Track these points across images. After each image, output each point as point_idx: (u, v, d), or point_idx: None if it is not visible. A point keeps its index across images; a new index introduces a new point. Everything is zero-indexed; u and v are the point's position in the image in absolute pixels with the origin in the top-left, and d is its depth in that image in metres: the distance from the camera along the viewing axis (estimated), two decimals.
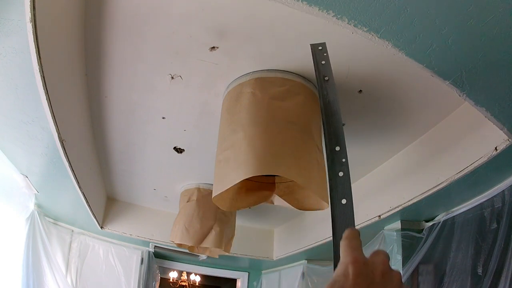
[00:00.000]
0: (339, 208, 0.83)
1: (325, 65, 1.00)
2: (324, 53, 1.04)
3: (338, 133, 0.87)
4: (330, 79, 0.96)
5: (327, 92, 0.94)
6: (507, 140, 1.55)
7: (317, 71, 0.99)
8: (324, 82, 0.96)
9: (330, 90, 0.94)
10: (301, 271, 3.50)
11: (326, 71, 0.98)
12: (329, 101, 0.92)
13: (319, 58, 1.02)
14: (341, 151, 0.84)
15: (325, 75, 0.98)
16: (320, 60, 1.02)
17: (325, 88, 0.95)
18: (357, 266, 0.48)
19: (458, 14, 1.03)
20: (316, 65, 1.01)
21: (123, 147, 2.49)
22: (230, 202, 1.77)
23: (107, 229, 3.41)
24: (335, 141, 0.85)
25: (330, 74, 0.97)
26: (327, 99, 0.93)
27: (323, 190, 1.62)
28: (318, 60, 1.02)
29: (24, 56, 1.34)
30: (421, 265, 2.22)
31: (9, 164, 2.23)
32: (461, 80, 1.23)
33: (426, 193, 1.99)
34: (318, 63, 1.02)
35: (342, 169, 0.84)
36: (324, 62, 1.01)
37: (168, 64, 1.70)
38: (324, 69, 0.99)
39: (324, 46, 1.05)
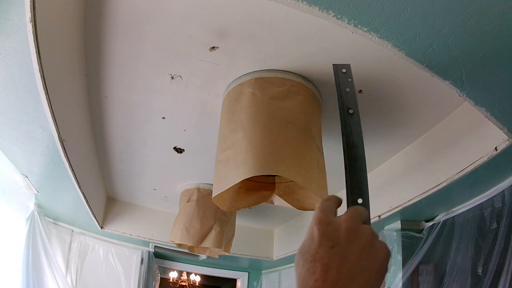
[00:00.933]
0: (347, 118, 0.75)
1: (349, 94, 0.82)
2: (349, 78, 0.86)
3: (362, 183, 0.73)
4: (355, 113, 0.78)
5: (351, 130, 0.76)
6: (507, 140, 1.55)
7: (340, 101, 0.81)
8: (348, 116, 0.78)
9: (355, 128, 0.76)
10: None
11: (351, 102, 0.80)
12: (354, 142, 0.75)
13: (343, 84, 0.84)
14: (363, 204, 0.72)
15: (349, 107, 0.80)
16: (344, 87, 0.84)
17: (349, 125, 0.77)
18: (320, 227, 0.47)
19: (458, 14, 1.03)
20: (339, 93, 0.83)
21: (123, 147, 2.49)
22: (230, 202, 1.77)
23: (107, 229, 3.41)
24: (358, 193, 0.72)
25: (355, 106, 0.80)
26: (351, 139, 0.75)
27: (323, 190, 1.62)
28: (342, 87, 0.84)
29: (24, 56, 1.34)
30: (421, 265, 2.22)
31: (9, 164, 2.23)
32: (461, 80, 1.23)
33: (426, 193, 1.99)
34: (341, 90, 0.84)
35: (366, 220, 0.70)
36: (348, 90, 0.83)
37: (168, 64, 1.70)
38: (348, 99, 0.81)
39: (349, 69, 0.88)
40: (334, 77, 0.87)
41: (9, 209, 2.60)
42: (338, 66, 0.87)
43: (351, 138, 0.76)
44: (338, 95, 0.82)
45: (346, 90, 0.83)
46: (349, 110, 0.79)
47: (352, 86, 0.83)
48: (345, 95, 0.82)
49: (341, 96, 0.81)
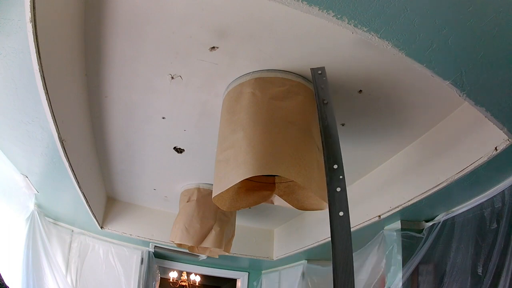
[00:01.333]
0: (337, 220, 1.00)
1: (324, 89, 1.11)
2: (323, 77, 1.15)
3: (335, 153, 0.98)
4: (328, 103, 1.07)
5: (326, 116, 1.04)
6: (507, 140, 1.55)
7: (317, 95, 1.09)
8: (323, 105, 1.07)
9: (329, 114, 1.04)
10: (301, 271, 3.50)
11: (325, 95, 1.09)
12: (328, 124, 1.02)
13: (319, 82, 1.13)
14: (338, 169, 0.95)
15: (324, 98, 1.09)
16: (320, 84, 1.13)
17: (324, 112, 1.05)
18: None
19: (458, 14, 1.03)
20: (316, 89, 1.11)
21: (123, 147, 2.49)
22: (230, 202, 1.77)
23: (107, 229, 3.41)
24: (333, 160, 0.97)
25: (329, 98, 1.08)
26: (326, 122, 1.03)
27: (323, 190, 1.62)
28: (318, 84, 1.13)
29: (24, 56, 1.34)
30: (421, 265, 2.22)
31: (9, 164, 2.23)
32: (461, 80, 1.23)
33: (426, 193, 1.99)
34: (318, 87, 1.12)
35: (340, 185, 0.95)
36: (323, 86, 1.12)
37: (168, 64, 1.70)
38: (323, 93, 1.10)
39: (324, 71, 1.16)
40: (312, 78, 1.18)
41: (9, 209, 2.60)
42: (315, 69, 1.18)
43: (326, 121, 1.04)
44: (315, 90, 1.12)
45: (321, 87, 1.13)
46: (324, 101, 1.09)
47: (326, 83, 1.13)
48: (321, 90, 1.12)
49: (317, 91, 1.11)
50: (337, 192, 0.93)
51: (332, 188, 0.94)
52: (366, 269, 2.63)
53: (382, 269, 2.46)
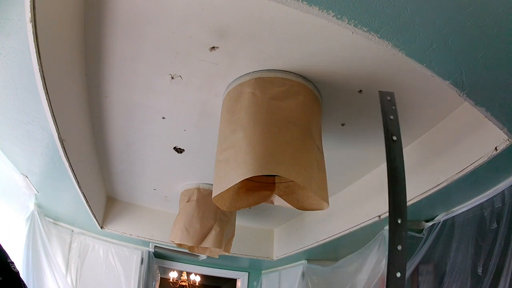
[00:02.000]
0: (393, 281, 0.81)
1: (393, 121, 0.90)
2: (393, 105, 0.93)
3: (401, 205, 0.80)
4: (398, 140, 0.87)
5: (394, 156, 0.84)
6: (507, 140, 1.55)
7: (385, 128, 0.89)
8: (392, 142, 0.86)
9: (398, 153, 0.84)
10: (301, 271, 3.50)
11: (395, 128, 0.89)
12: (396, 166, 0.82)
13: (388, 111, 0.92)
14: (402, 224, 0.80)
15: (393, 133, 0.88)
16: (388, 114, 0.92)
17: (393, 150, 0.85)
18: None
19: (458, 14, 1.03)
20: (384, 119, 0.90)
21: (123, 147, 2.49)
22: (230, 202, 1.77)
23: (107, 229, 3.41)
24: (399, 213, 0.80)
25: (398, 133, 0.87)
26: (394, 164, 0.83)
27: (323, 190, 1.62)
28: (387, 113, 0.91)
29: (24, 56, 1.34)
30: (421, 265, 2.22)
31: (9, 164, 2.23)
32: (461, 80, 1.23)
33: (426, 193, 1.99)
34: (386, 117, 0.91)
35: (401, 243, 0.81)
36: (392, 117, 0.91)
37: (168, 64, 1.70)
38: (392, 126, 0.89)
39: (393, 97, 0.94)
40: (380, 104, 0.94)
41: (9, 209, 2.60)
42: (383, 93, 0.94)
43: (394, 163, 0.83)
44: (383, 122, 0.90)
45: (390, 118, 0.90)
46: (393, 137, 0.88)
47: (395, 113, 0.90)
48: (390, 122, 0.89)
49: (386, 123, 0.89)
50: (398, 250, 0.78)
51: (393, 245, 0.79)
52: (366, 269, 2.63)
53: (382, 269, 2.46)
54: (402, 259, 0.80)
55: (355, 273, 2.77)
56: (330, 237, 2.82)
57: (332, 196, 2.78)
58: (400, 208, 0.80)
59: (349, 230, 2.60)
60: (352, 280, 2.79)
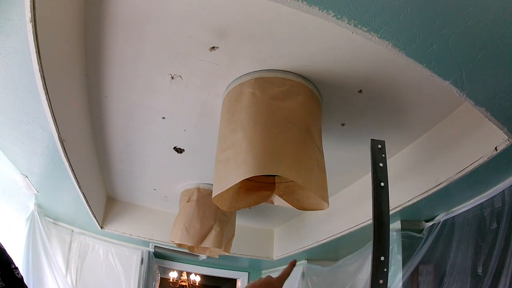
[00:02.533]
0: None
1: (383, 168, 0.97)
2: (383, 154, 1.01)
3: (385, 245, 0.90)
4: (385, 186, 0.95)
5: (381, 201, 0.93)
6: (507, 140, 1.54)
7: (374, 174, 0.96)
8: (379, 188, 0.95)
9: (384, 198, 0.92)
10: (301, 271, 3.50)
11: (383, 175, 0.96)
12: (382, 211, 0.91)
13: (378, 158, 0.99)
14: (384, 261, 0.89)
15: (381, 180, 0.96)
16: (378, 162, 0.98)
17: (380, 196, 0.94)
18: None
19: (458, 14, 1.03)
20: (374, 166, 0.98)
21: (123, 147, 2.49)
22: (230, 202, 1.77)
23: (107, 229, 3.41)
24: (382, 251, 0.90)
25: (386, 180, 0.95)
26: (381, 208, 0.92)
27: (323, 190, 1.62)
28: (377, 161, 0.99)
29: (24, 56, 1.34)
30: (421, 265, 2.22)
31: (9, 164, 2.23)
32: (461, 80, 1.23)
33: (426, 193, 1.98)
34: (376, 164, 0.98)
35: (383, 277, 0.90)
36: (382, 165, 0.98)
37: (168, 64, 1.70)
38: (382, 173, 0.97)
39: (383, 145, 1.02)
40: (371, 151, 1.01)
41: (9, 209, 2.60)
42: (375, 141, 1.02)
43: (381, 207, 0.92)
44: (372, 169, 0.97)
45: (380, 165, 0.98)
46: (381, 183, 0.95)
47: (385, 161, 0.98)
48: (379, 169, 0.97)
49: (376, 170, 0.97)
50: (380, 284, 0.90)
51: (375, 279, 0.90)
52: (366, 269, 2.63)
53: None
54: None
55: (355, 273, 2.77)
56: (330, 237, 2.82)
57: (332, 196, 2.78)
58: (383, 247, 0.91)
59: (349, 230, 2.60)
60: (352, 280, 2.79)
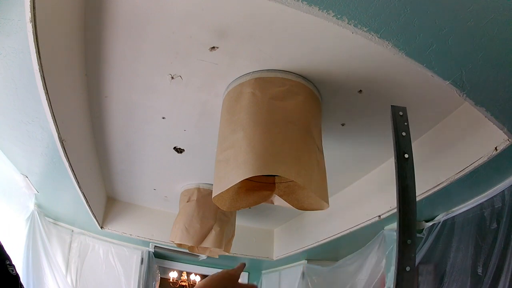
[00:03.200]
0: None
1: (405, 138, 0.87)
2: (405, 122, 0.90)
3: (411, 226, 0.78)
4: (409, 158, 0.83)
5: (405, 174, 0.81)
6: (507, 140, 1.54)
7: (397, 144, 0.85)
8: (403, 160, 0.83)
9: (409, 172, 0.81)
10: (301, 271, 3.50)
11: (407, 146, 0.85)
12: (408, 185, 0.79)
13: (400, 127, 0.88)
14: (411, 245, 0.78)
15: (405, 151, 0.84)
16: (400, 131, 0.88)
17: (404, 169, 0.81)
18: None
19: (458, 14, 1.03)
20: (396, 135, 0.87)
21: (123, 147, 2.49)
22: (230, 202, 1.77)
23: (107, 229, 3.41)
24: (408, 234, 0.78)
25: (410, 151, 0.84)
26: (406, 182, 0.80)
27: (323, 190, 1.62)
28: (399, 130, 0.88)
29: (24, 56, 1.34)
30: (421, 265, 2.22)
31: (9, 164, 2.23)
32: (461, 80, 1.23)
33: (426, 193, 1.98)
34: (398, 133, 0.87)
35: (410, 264, 0.78)
36: (404, 134, 0.87)
37: (168, 64, 1.70)
38: (404, 143, 0.86)
39: (405, 112, 0.91)
40: (392, 119, 0.90)
41: (9, 209, 2.60)
42: (395, 108, 0.90)
43: (405, 181, 0.79)
44: (394, 139, 0.86)
45: (402, 134, 0.87)
46: (405, 154, 0.84)
47: (407, 130, 0.87)
48: (401, 139, 0.86)
49: (398, 140, 0.85)
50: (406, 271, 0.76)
51: (402, 266, 0.76)
52: (366, 269, 2.63)
53: (382, 269, 2.46)
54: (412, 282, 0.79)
55: (355, 273, 2.77)
56: (330, 237, 2.82)
57: (332, 196, 2.78)
58: (410, 229, 0.78)
59: (349, 230, 2.60)
60: (352, 280, 2.79)
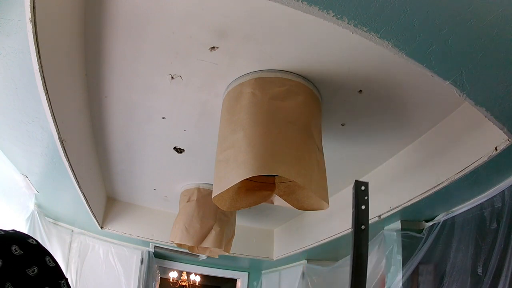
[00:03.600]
0: None
1: (364, 211, 0.97)
2: (366, 196, 1.00)
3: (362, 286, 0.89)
4: (365, 229, 0.94)
5: (360, 243, 0.91)
6: (507, 140, 1.54)
7: (356, 216, 0.96)
8: (360, 231, 0.94)
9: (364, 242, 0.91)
10: (301, 271, 3.50)
11: (364, 218, 0.96)
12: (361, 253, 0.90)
13: (360, 200, 0.99)
14: None
15: (363, 223, 0.95)
16: (360, 204, 0.98)
17: (360, 239, 0.92)
18: None
19: (458, 14, 1.03)
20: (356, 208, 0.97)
21: (123, 147, 2.49)
22: (230, 202, 1.77)
23: (107, 229, 3.41)
24: None
25: (367, 223, 0.95)
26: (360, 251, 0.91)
27: (323, 190, 1.62)
28: (359, 203, 0.98)
29: (24, 56, 1.34)
30: (421, 265, 2.22)
31: (9, 164, 2.23)
32: (461, 80, 1.23)
33: (426, 193, 1.98)
34: (358, 206, 0.98)
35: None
36: (364, 207, 0.97)
37: (168, 64, 1.70)
38: (363, 215, 0.96)
39: (367, 187, 1.01)
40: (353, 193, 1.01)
41: (9, 209, 2.60)
42: (358, 182, 1.02)
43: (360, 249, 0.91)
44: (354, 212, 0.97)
45: (362, 208, 0.97)
46: (362, 226, 0.95)
47: (367, 204, 0.97)
48: (361, 212, 0.96)
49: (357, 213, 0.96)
50: None
51: None
52: None
53: (382, 269, 2.46)
54: None
55: None
56: (330, 237, 2.82)
57: (332, 196, 2.78)
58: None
59: (349, 230, 2.57)
60: None
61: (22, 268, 0.64)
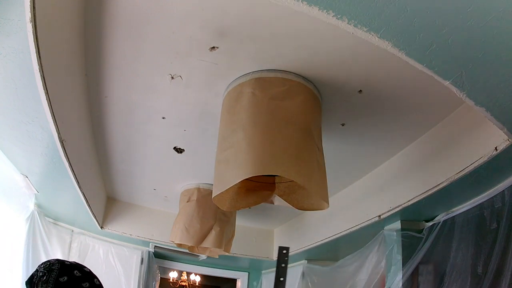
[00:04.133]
0: None
1: (284, 268, 1.26)
2: (286, 257, 1.27)
3: None
4: (283, 280, 1.24)
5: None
6: (507, 140, 1.54)
7: (277, 271, 1.25)
8: (279, 282, 1.24)
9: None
10: (301, 271, 3.50)
11: (283, 273, 1.25)
12: None
13: (281, 260, 1.27)
14: None
15: (281, 276, 1.25)
16: (281, 263, 1.26)
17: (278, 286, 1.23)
18: None
19: (458, 14, 1.03)
20: (278, 265, 1.26)
21: (123, 147, 2.49)
22: (230, 202, 1.77)
23: (107, 229, 3.41)
24: None
25: (285, 276, 1.25)
26: None
27: (323, 190, 1.63)
28: (280, 262, 1.27)
29: (24, 56, 1.34)
30: (421, 265, 2.22)
31: (9, 164, 2.23)
32: (461, 80, 1.23)
33: (426, 193, 1.98)
34: (279, 264, 1.26)
35: None
36: (284, 265, 1.26)
37: (168, 64, 1.70)
38: (282, 271, 1.26)
39: (288, 250, 1.29)
40: (277, 254, 1.29)
41: (9, 209, 2.60)
42: (281, 247, 1.31)
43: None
44: (276, 268, 1.27)
45: (282, 265, 1.26)
46: (281, 278, 1.25)
47: (286, 263, 1.27)
48: (281, 269, 1.26)
49: (278, 268, 1.27)
50: None
51: None
52: (366, 269, 2.63)
53: (382, 269, 2.46)
54: None
55: (355, 273, 2.77)
56: (330, 237, 2.82)
57: (332, 196, 2.78)
58: None
59: (349, 230, 2.60)
60: (352, 280, 2.79)
61: (79, 283, 1.20)
